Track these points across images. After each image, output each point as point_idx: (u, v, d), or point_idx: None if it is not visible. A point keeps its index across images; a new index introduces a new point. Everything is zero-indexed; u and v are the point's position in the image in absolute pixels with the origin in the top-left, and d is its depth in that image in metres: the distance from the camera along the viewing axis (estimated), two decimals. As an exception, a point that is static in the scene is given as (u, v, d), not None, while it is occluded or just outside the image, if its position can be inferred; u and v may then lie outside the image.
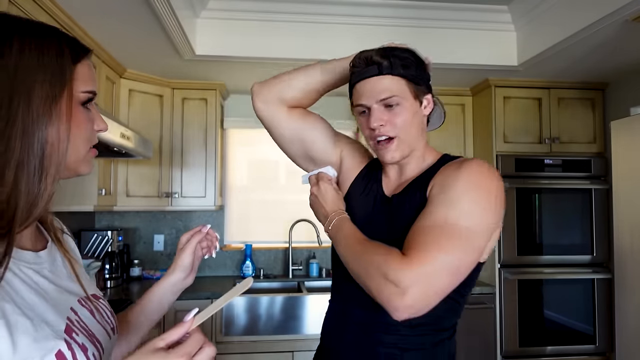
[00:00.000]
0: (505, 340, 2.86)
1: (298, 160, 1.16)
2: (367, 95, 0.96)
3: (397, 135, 0.95)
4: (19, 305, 0.56)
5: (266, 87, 1.10)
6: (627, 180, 2.24)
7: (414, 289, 0.78)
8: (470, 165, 0.90)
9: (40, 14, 1.75)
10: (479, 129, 3.18)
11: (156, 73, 2.88)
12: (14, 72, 0.56)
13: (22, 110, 0.56)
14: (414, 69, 0.98)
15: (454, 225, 0.84)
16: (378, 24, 2.63)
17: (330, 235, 1.01)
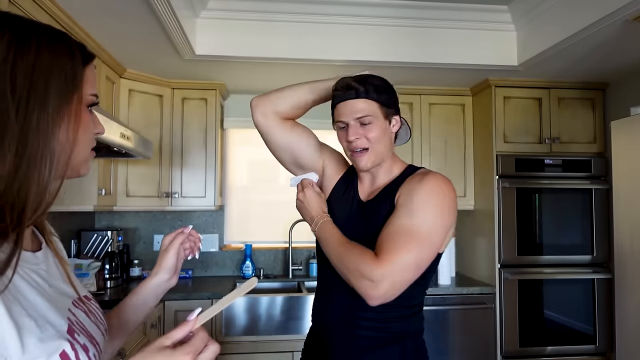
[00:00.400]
0: (505, 340, 2.86)
1: (288, 166, 1.36)
2: (346, 114, 1.17)
3: (370, 147, 1.17)
4: (23, 305, 0.56)
5: (264, 101, 1.28)
6: (627, 180, 2.24)
7: (384, 283, 1.02)
8: (429, 180, 1.13)
9: (40, 14, 1.75)
10: (479, 129, 3.18)
11: (156, 73, 2.88)
12: (32, 72, 0.57)
13: (39, 108, 0.57)
14: (384, 95, 1.18)
15: (415, 230, 1.06)
16: (378, 24, 2.63)
17: (316, 235, 1.22)
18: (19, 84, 0.56)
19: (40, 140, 0.57)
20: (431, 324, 2.84)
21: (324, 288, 1.28)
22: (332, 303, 1.23)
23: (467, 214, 3.30)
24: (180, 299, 2.66)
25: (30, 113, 0.56)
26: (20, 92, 0.56)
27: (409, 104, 3.18)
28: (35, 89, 0.57)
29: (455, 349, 2.86)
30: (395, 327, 1.16)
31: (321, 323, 1.26)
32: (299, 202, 1.27)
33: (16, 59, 0.56)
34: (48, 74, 0.58)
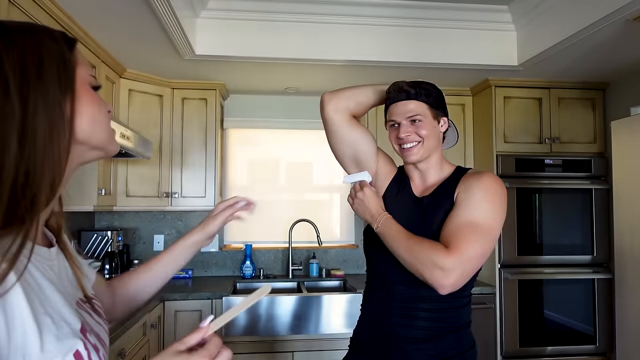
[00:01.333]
0: (505, 340, 2.85)
1: (345, 160, 1.39)
2: (398, 114, 1.29)
3: (421, 141, 1.27)
4: (42, 301, 0.56)
5: (337, 97, 1.34)
6: (627, 180, 2.24)
7: (456, 272, 1.10)
8: (487, 177, 1.23)
9: (40, 14, 1.75)
10: (479, 129, 3.18)
11: (156, 73, 2.88)
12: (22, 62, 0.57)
13: (42, 93, 0.57)
14: (433, 97, 1.29)
15: (478, 223, 1.16)
16: (378, 24, 2.63)
17: (379, 232, 1.26)
18: (11, 77, 0.55)
19: (49, 123, 0.57)
20: (431, 324, 2.84)
21: (379, 281, 1.34)
22: (389, 295, 1.28)
23: (467, 214, 3.30)
24: (180, 299, 2.66)
25: (34, 99, 0.56)
26: (17, 83, 0.55)
27: (409, 104, 3.18)
28: (31, 77, 0.56)
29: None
30: (450, 318, 1.25)
31: (379, 314, 1.31)
32: (359, 200, 1.32)
33: (2, 56, 0.56)
34: (40, 62, 0.58)
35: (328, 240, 3.43)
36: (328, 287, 3.24)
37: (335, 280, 3.26)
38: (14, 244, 0.52)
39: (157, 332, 2.56)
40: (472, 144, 3.24)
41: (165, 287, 2.87)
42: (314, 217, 3.34)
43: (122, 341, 1.96)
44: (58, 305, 0.58)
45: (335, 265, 3.44)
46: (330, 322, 2.73)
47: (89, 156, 0.66)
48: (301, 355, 2.72)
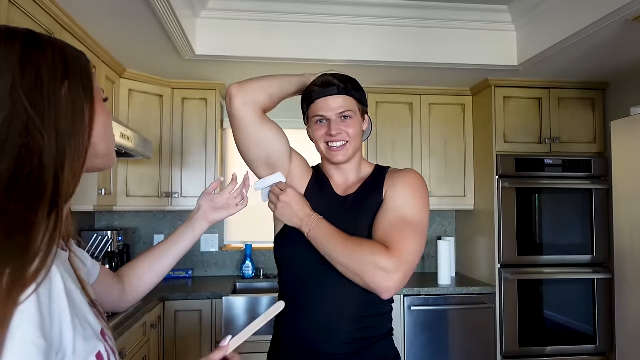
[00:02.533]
0: (505, 340, 2.86)
1: (255, 163, 1.24)
2: (327, 109, 1.20)
3: (349, 141, 1.21)
4: (72, 302, 0.56)
5: (246, 89, 1.18)
6: (627, 180, 2.24)
7: (398, 273, 1.04)
8: (412, 175, 1.22)
9: (40, 14, 1.75)
10: (479, 129, 3.18)
11: (156, 73, 2.88)
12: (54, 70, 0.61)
13: (68, 99, 0.61)
14: (360, 92, 1.25)
15: (412, 220, 1.12)
16: (378, 24, 2.63)
17: (311, 236, 1.13)
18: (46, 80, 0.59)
19: (74, 124, 0.61)
20: (431, 324, 2.84)
21: (298, 294, 1.20)
22: (311, 308, 1.17)
23: (467, 214, 3.30)
24: (180, 299, 2.66)
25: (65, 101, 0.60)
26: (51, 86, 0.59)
27: (409, 104, 3.18)
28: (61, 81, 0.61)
29: (455, 349, 2.86)
30: (374, 327, 1.18)
31: (299, 331, 1.19)
32: (284, 204, 1.17)
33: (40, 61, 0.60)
34: (67, 69, 0.62)
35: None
36: (328, 287, 3.23)
37: (335, 280, 3.26)
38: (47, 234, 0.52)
39: (157, 332, 2.56)
40: (472, 144, 3.24)
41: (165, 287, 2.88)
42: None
43: (122, 341, 1.96)
44: (83, 307, 0.59)
45: (335, 265, 3.44)
46: (330, 322, 2.73)
47: (90, 163, 0.68)
48: (301, 355, 2.72)
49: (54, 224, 0.54)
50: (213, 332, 2.68)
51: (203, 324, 2.68)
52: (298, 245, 1.17)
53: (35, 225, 0.51)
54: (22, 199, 0.52)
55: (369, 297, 1.13)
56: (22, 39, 0.60)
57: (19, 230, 0.50)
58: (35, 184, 0.54)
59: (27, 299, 0.47)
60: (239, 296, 2.72)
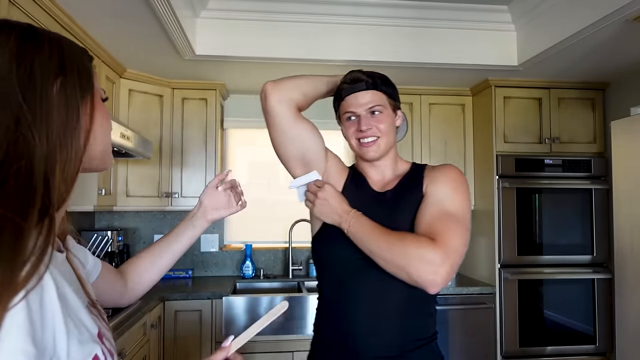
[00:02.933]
0: (505, 340, 2.86)
1: (291, 162, 1.23)
2: (356, 105, 1.19)
3: (380, 136, 1.20)
4: (66, 305, 0.55)
5: (281, 87, 1.18)
6: (627, 180, 2.24)
7: (445, 266, 1.01)
8: (453, 170, 1.20)
9: (40, 14, 1.75)
10: (479, 129, 3.18)
11: (156, 73, 2.88)
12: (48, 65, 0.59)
13: (60, 96, 0.59)
14: (390, 87, 1.24)
15: (455, 214, 1.10)
16: (378, 24, 2.63)
17: (351, 232, 1.11)
18: (38, 76, 0.57)
19: (63, 123, 0.58)
20: (431, 324, 2.84)
21: (339, 293, 1.18)
22: (353, 308, 1.14)
23: (467, 214, 3.30)
24: (180, 299, 2.66)
25: (49, 100, 0.57)
26: (42, 81, 0.57)
27: (409, 104, 3.18)
28: (55, 77, 0.59)
29: (455, 349, 2.86)
30: (420, 329, 1.15)
31: (340, 332, 1.15)
32: (322, 201, 1.15)
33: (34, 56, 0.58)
34: (62, 65, 0.60)
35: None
36: (328, 287, 3.23)
37: (335, 280, 3.26)
38: (40, 239, 0.51)
39: (157, 332, 2.56)
40: (472, 144, 3.24)
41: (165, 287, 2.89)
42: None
43: (122, 341, 1.96)
44: (78, 310, 0.58)
45: (335, 265, 3.44)
46: (330, 322, 2.73)
47: (86, 164, 0.66)
48: (301, 355, 2.72)
49: (46, 230, 0.52)
50: (213, 332, 2.68)
51: (203, 324, 2.68)
52: (337, 243, 1.15)
53: (25, 231, 0.50)
54: (9, 203, 0.50)
55: (413, 297, 1.11)
56: (19, 32, 0.58)
57: (8, 235, 0.48)
58: (23, 187, 0.52)
59: (17, 305, 0.46)
60: (239, 296, 2.72)
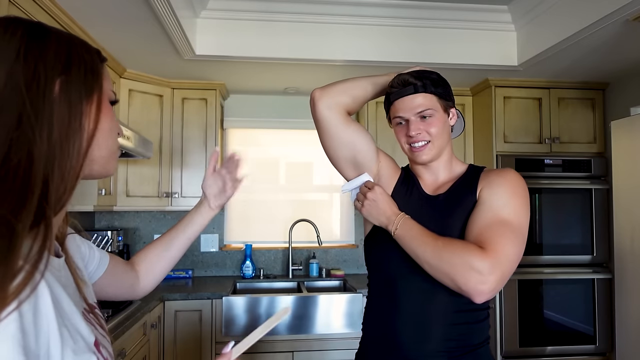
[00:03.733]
0: (505, 340, 2.86)
1: (342, 163, 1.24)
2: (406, 109, 1.16)
3: (431, 140, 1.16)
4: (61, 314, 0.53)
5: (330, 92, 1.19)
6: (627, 180, 2.24)
7: (494, 275, 0.97)
8: (512, 174, 1.13)
9: (40, 14, 1.75)
10: (479, 129, 3.18)
11: (156, 73, 2.88)
12: (54, 60, 0.58)
13: (62, 96, 0.58)
14: (441, 87, 1.19)
15: (510, 221, 1.04)
16: (378, 24, 2.63)
17: (398, 235, 1.10)
18: (42, 74, 0.56)
19: (65, 123, 0.57)
20: (431, 324, 2.84)
21: (386, 295, 1.18)
22: (398, 311, 1.14)
23: (467, 214, 3.30)
24: (180, 299, 2.66)
25: (50, 98, 0.56)
26: (44, 82, 0.56)
27: (409, 104, 3.18)
28: (59, 75, 0.58)
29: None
30: (468, 335, 1.12)
31: (386, 333, 1.15)
32: (371, 202, 1.15)
33: (41, 54, 0.57)
34: (68, 63, 0.59)
35: (328, 240, 3.43)
36: (328, 287, 3.24)
37: (335, 280, 3.26)
38: (35, 245, 0.49)
39: (157, 332, 2.56)
40: (472, 144, 3.24)
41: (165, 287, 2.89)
42: (314, 217, 3.34)
43: (122, 341, 1.96)
44: (74, 318, 0.56)
45: (335, 265, 3.45)
46: (330, 322, 2.74)
47: (87, 169, 0.64)
48: (301, 355, 2.72)
49: (42, 235, 0.50)
50: (213, 332, 2.68)
51: (203, 324, 2.68)
52: (387, 244, 1.15)
53: (19, 233, 0.47)
54: (5, 201, 0.49)
55: (461, 303, 1.08)
56: (27, 29, 0.57)
57: (1, 238, 0.47)
58: (21, 186, 0.51)
59: (9, 316, 0.44)
60: (239, 296, 2.72)
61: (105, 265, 0.91)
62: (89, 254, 0.86)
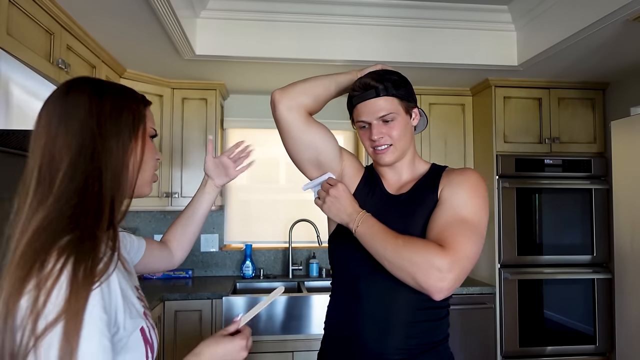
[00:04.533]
0: (505, 340, 2.86)
1: (305, 165, 1.25)
2: (368, 113, 1.17)
3: (393, 143, 1.18)
4: (123, 291, 0.74)
5: (289, 93, 1.18)
6: (627, 180, 2.24)
7: (453, 273, 0.99)
8: (472, 174, 1.16)
9: (41, 14, 1.75)
10: (479, 129, 3.18)
11: (156, 73, 2.88)
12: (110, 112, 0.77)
13: (117, 137, 0.77)
14: (403, 89, 1.18)
15: (470, 220, 1.07)
16: (378, 24, 2.63)
17: (359, 233, 1.10)
18: (102, 122, 0.76)
19: (120, 158, 0.77)
20: (431, 324, 2.84)
21: (347, 293, 1.19)
22: (359, 309, 1.15)
23: (467, 214, 3.29)
24: (180, 299, 2.66)
25: (110, 140, 0.76)
26: (102, 127, 0.76)
27: (409, 104, 3.18)
28: (111, 125, 0.77)
29: (455, 349, 2.85)
30: (429, 332, 1.14)
31: (347, 331, 1.17)
32: (333, 199, 1.14)
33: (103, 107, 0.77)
34: (119, 113, 0.78)
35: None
36: (328, 287, 3.24)
37: (335, 280, 3.26)
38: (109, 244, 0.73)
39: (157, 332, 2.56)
40: (472, 144, 3.24)
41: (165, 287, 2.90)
42: (314, 217, 3.34)
43: (122, 341, 1.96)
44: (129, 294, 0.77)
45: (335, 265, 3.44)
46: (330, 322, 2.73)
47: (136, 190, 0.83)
48: (301, 355, 2.72)
49: (112, 238, 0.73)
50: (213, 332, 2.68)
51: (203, 324, 2.68)
52: (349, 244, 1.15)
53: (99, 239, 0.70)
54: (89, 216, 0.71)
55: (422, 301, 1.09)
56: (92, 87, 0.78)
57: (89, 239, 0.69)
58: (97, 208, 0.72)
59: (95, 289, 0.66)
60: (239, 296, 2.72)
61: (143, 248, 1.13)
62: (130, 243, 1.08)
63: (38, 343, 0.61)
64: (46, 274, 0.64)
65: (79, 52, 2.12)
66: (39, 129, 0.74)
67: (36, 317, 0.62)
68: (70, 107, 0.75)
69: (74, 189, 0.71)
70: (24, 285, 0.64)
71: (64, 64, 1.90)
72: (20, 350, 0.62)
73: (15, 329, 0.63)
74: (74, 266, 0.65)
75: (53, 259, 0.65)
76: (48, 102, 0.76)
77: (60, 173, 0.71)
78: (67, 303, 0.62)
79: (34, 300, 0.62)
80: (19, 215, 0.70)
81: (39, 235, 0.67)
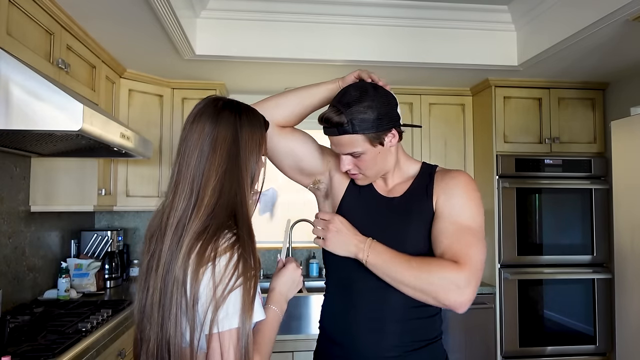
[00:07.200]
0: (505, 340, 2.86)
1: (290, 172, 1.28)
2: (335, 145, 1.15)
3: (363, 173, 1.16)
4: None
5: (261, 107, 1.18)
6: (627, 180, 2.24)
7: (471, 286, 1.03)
8: (464, 178, 1.17)
9: (41, 14, 1.75)
10: (479, 129, 3.18)
11: (156, 73, 2.88)
12: (247, 140, 0.95)
13: (250, 159, 0.96)
14: (370, 122, 1.08)
15: (472, 227, 1.09)
16: (378, 24, 2.63)
17: (370, 263, 1.08)
18: (243, 146, 0.94)
19: (248, 178, 0.98)
20: (431, 324, 2.84)
21: (341, 293, 1.21)
22: (354, 309, 1.17)
23: (467, 214, 3.30)
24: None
25: (248, 163, 0.96)
26: (244, 152, 0.94)
27: (409, 104, 3.18)
28: (250, 151, 0.95)
29: (455, 349, 2.86)
30: (422, 330, 1.16)
31: (341, 331, 1.19)
32: (334, 234, 1.11)
33: (240, 131, 0.94)
34: (257, 137, 0.96)
35: (328, 240, 3.42)
36: (328, 287, 3.24)
37: (335, 280, 3.26)
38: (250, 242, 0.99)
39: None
40: (472, 144, 3.24)
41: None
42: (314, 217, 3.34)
43: (122, 341, 1.96)
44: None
45: (335, 265, 3.44)
46: (330, 322, 2.74)
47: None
48: (301, 355, 2.72)
49: (251, 240, 1.00)
50: (213, 332, 2.68)
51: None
52: None
53: (246, 242, 0.97)
54: (240, 227, 0.96)
55: (414, 300, 1.10)
56: (236, 111, 0.95)
57: (244, 243, 0.96)
58: (244, 218, 0.98)
59: (254, 276, 0.95)
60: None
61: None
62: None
63: (222, 301, 0.89)
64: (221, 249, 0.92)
65: (79, 52, 2.12)
66: (191, 143, 0.93)
67: (216, 286, 0.89)
68: (219, 133, 0.92)
69: (222, 202, 0.95)
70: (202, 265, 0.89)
71: (64, 64, 1.90)
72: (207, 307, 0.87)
73: (198, 295, 0.88)
74: (241, 257, 0.95)
75: (226, 241, 0.92)
76: (199, 120, 0.93)
77: (209, 190, 0.93)
78: (243, 277, 0.93)
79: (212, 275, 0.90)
80: (173, 212, 0.96)
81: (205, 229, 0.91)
